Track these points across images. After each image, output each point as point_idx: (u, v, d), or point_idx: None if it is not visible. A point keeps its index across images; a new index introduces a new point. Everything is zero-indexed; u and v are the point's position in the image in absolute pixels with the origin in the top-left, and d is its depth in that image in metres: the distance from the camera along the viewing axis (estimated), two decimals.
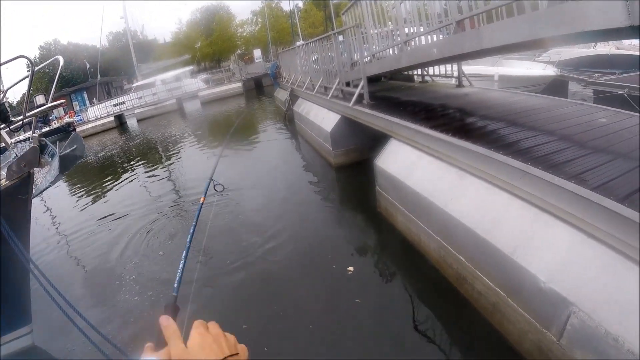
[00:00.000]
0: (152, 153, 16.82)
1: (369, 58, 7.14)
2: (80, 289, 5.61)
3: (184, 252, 1.56)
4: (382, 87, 9.00)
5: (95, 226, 8.00)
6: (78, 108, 34.49)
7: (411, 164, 4.69)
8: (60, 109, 32.42)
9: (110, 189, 11.48)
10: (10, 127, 3.77)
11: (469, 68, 9.31)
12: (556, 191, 2.75)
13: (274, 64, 27.98)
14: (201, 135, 18.57)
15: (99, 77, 35.89)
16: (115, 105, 31.23)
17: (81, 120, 29.74)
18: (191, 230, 1.80)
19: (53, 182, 3.59)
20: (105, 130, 27.96)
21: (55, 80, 3.96)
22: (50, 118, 28.54)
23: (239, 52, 58.42)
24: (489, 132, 4.23)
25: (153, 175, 12.24)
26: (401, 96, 7.59)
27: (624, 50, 13.87)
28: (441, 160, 4.19)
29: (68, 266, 6.52)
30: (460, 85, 7.60)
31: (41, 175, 3.83)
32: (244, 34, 58.50)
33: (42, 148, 3.67)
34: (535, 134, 3.95)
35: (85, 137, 26.82)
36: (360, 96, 7.08)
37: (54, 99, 3.71)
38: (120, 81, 45.10)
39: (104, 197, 10.74)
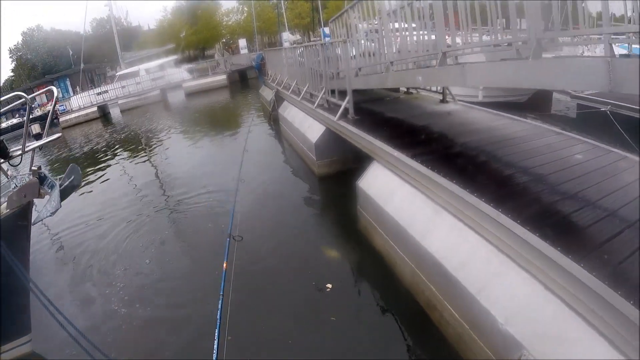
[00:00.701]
0: (137, 148, 16.87)
1: (355, 71, 7.33)
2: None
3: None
4: (367, 97, 9.10)
5: (82, 225, 8.22)
6: (61, 96, 34.02)
7: (391, 191, 4.93)
8: (43, 96, 32.08)
9: (96, 187, 11.59)
10: (10, 162, 3.97)
11: None
12: (521, 241, 2.98)
13: (259, 55, 27.67)
14: (187, 130, 18.65)
15: (82, 64, 35.33)
16: (98, 94, 30.93)
17: (64, 110, 29.43)
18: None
19: (53, 213, 3.85)
20: (88, 121, 27.77)
21: (50, 112, 4.25)
22: (33, 106, 28.21)
23: (224, 40, 58.05)
24: (467, 165, 4.43)
25: (140, 172, 12.46)
26: (386, 110, 7.78)
27: None
28: (419, 191, 4.42)
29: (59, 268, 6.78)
30: (444, 100, 7.77)
31: (42, 205, 4.06)
32: (230, 22, 57.97)
33: (42, 180, 3.92)
34: (511, 171, 4.16)
35: (68, 127, 26.66)
36: (346, 110, 7.27)
37: (49, 133, 4.00)
38: (103, 68, 44.54)
39: (90, 195, 10.82)
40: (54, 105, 4.35)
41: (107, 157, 15.75)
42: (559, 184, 3.77)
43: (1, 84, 46.50)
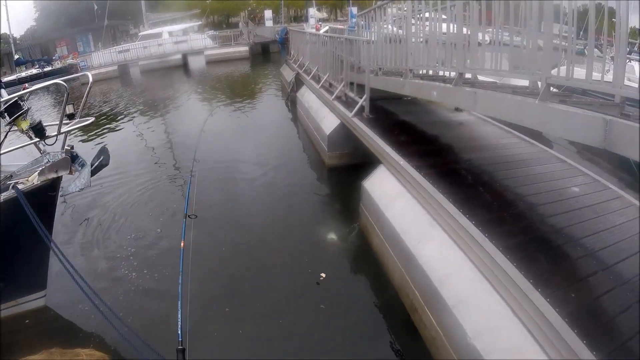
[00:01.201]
0: (154, 112, 17.23)
1: (375, 70, 7.53)
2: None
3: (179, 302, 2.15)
4: (385, 94, 9.00)
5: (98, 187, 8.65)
6: (82, 49, 34.35)
7: (392, 197, 5.22)
8: (64, 47, 32.41)
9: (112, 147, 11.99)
10: (46, 142, 4.39)
11: None
12: (499, 268, 3.27)
13: (284, 29, 27.66)
14: (205, 99, 18.96)
15: (106, 20, 35.48)
16: (120, 52, 31.10)
17: (85, 66, 29.73)
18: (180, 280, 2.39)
19: (81, 189, 4.31)
20: (108, 79, 28.03)
21: (84, 98, 4.64)
22: (53, 58, 28.63)
23: (249, 9, 57.62)
24: (466, 184, 4.72)
25: (154, 136, 12.88)
26: (400, 112, 7.99)
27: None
28: (418, 202, 4.71)
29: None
30: (458, 109, 7.86)
31: (71, 180, 4.53)
32: None
33: (73, 158, 4.38)
34: (506, 195, 4.41)
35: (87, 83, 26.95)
36: (362, 108, 7.52)
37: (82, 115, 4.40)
38: (126, 26, 44.59)
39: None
40: (88, 93, 4.71)
41: (124, 119, 16.16)
42: (550, 216, 4.02)
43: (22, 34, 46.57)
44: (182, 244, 3.02)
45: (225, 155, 10.24)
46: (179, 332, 2.13)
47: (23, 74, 28.94)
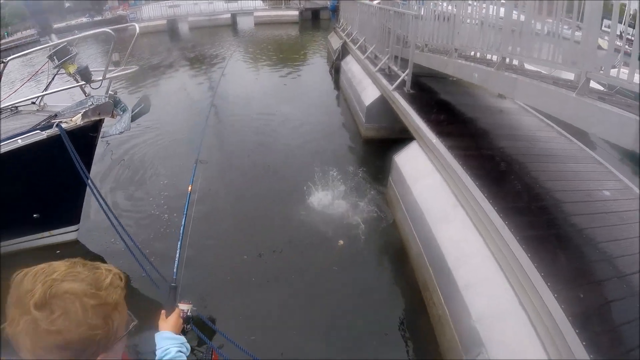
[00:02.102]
0: (200, 68, 17.55)
1: (421, 46, 7.42)
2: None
3: (179, 242, 2.31)
4: (429, 72, 8.53)
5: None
6: (133, 2, 34.77)
7: (421, 173, 5.24)
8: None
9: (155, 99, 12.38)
10: (91, 86, 4.63)
11: None
12: (512, 256, 3.26)
13: None
14: (251, 60, 19.09)
15: None
16: (170, 7, 31.34)
17: (134, 18, 30.18)
18: (183, 222, 2.54)
19: (121, 132, 4.56)
20: (156, 32, 28.36)
21: (130, 47, 4.85)
22: (104, 8, 29.20)
23: None
24: (496, 170, 4.64)
25: (198, 92, 13.16)
26: (442, 91, 7.84)
27: None
28: (445, 182, 4.71)
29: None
30: (502, 95, 7.61)
31: (112, 124, 4.81)
32: None
33: (116, 103, 4.64)
34: (534, 188, 4.30)
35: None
36: (403, 82, 7.45)
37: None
38: None
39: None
40: (133, 43, 4.91)
41: (170, 72, 16.54)
42: (574, 215, 3.92)
43: None
44: (189, 188, 3.20)
45: (264, 115, 10.54)
46: (175, 270, 2.31)
47: (73, 22, 29.64)
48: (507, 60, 4.78)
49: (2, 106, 5.27)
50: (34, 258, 0.97)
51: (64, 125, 4.48)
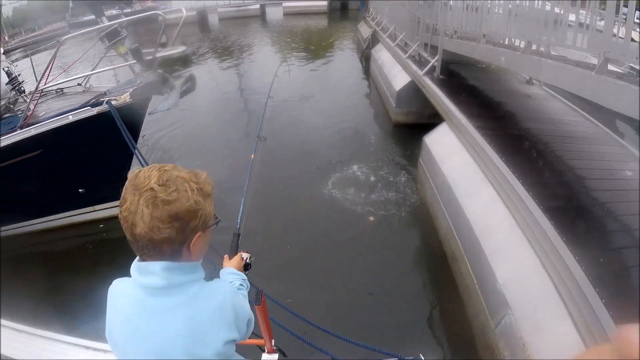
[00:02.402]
0: (229, 56, 18.04)
1: (450, 33, 7.60)
2: None
3: (242, 199, 2.67)
4: (459, 59, 8.46)
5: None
6: None
7: (450, 152, 5.48)
8: None
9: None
10: (140, 65, 5.00)
11: None
12: (536, 223, 3.49)
13: None
14: (280, 49, 19.44)
15: None
16: None
17: (164, 9, 30.82)
18: (246, 182, 2.90)
19: (168, 109, 4.96)
20: (185, 23, 28.83)
21: (178, 29, 5.34)
22: (133, 2, 29.96)
23: None
24: (521, 149, 4.82)
25: (228, 78, 13.63)
26: (471, 77, 8.00)
27: None
28: (473, 159, 4.95)
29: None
30: (529, 82, 7.73)
31: (160, 101, 5.16)
32: None
33: (164, 81, 4.97)
34: (556, 165, 4.48)
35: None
36: (433, 68, 7.68)
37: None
38: None
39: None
40: (181, 24, 5.39)
41: (206, 59, 17.12)
42: (595, 190, 4.08)
43: None
44: (252, 156, 3.59)
45: (296, 101, 10.97)
46: (239, 221, 2.68)
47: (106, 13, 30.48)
48: (534, 46, 4.97)
49: (50, 87, 5.63)
50: (77, 231, 1.29)
51: (113, 102, 4.80)
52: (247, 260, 2.03)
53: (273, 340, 2.68)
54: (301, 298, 4.32)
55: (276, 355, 2.70)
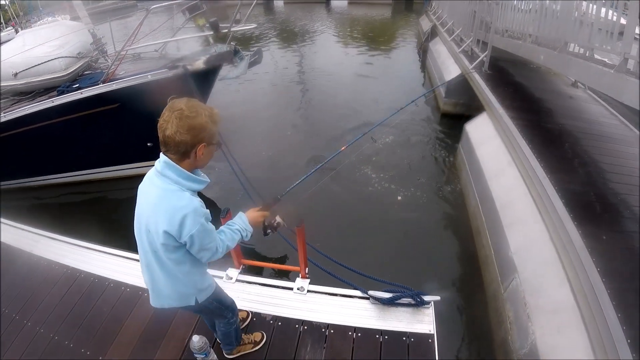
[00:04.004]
0: (291, 40, 18.88)
1: (502, 30, 7.98)
2: None
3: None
4: (510, 57, 8.57)
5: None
6: None
7: (486, 138, 5.98)
8: None
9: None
10: (218, 35, 5.73)
11: None
12: (550, 202, 3.92)
13: None
14: (341, 36, 20.05)
15: None
16: None
17: None
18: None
19: (236, 78, 5.73)
20: (249, 5, 29.70)
21: (252, 6, 5.94)
22: None
23: None
24: (551, 141, 5.20)
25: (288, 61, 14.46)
26: (518, 75, 8.28)
27: None
28: (504, 144, 5.45)
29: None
30: (574, 84, 7.95)
31: (229, 69, 5.83)
32: None
33: (235, 52, 5.65)
34: (581, 158, 4.84)
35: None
36: (482, 62, 8.12)
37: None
38: None
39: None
40: (255, 2, 5.96)
41: (270, 41, 18.03)
42: (614, 182, 4.39)
43: None
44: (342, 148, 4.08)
45: (351, 86, 11.69)
46: (287, 190, 3.19)
47: None
48: (572, 47, 5.33)
49: (133, 50, 6.33)
50: (137, 181, 1.93)
51: (189, 67, 5.45)
52: (275, 223, 2.26)
53: (307, 269, 3.36)
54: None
55: (307, 280, 3.36)
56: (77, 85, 5.97)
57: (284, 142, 8.21)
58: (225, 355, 2.77)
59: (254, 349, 2.80)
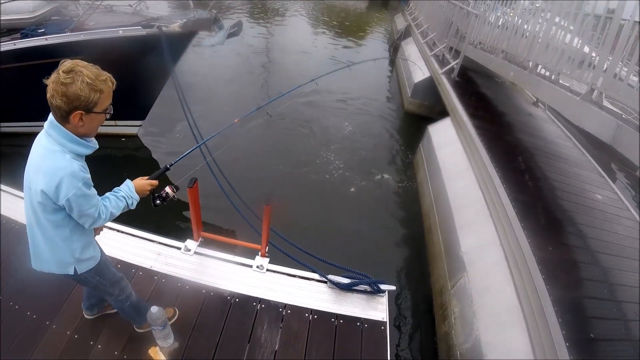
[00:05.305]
0: (260, 20, 18.54)
1: (475, 42, 8.25)
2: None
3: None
4: (480, 68, 8.81)
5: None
6: None
7: (447, 142, 6.20)
8: None
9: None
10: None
11: None
12: (503, 209, 4.15)
13: None
14: (312, 22, 19.86)
15: None
16: None
17: None
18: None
19: (213, 46, 5.57)
20: None
21: None
22: None
23: None
24: (508, 151, 5.51)
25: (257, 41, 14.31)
26: (483, 86, 8.62)
27: None
28: (464, 150, 5.68)
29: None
30: (535, 104, 8.30)
31: (207, 37, 5.64)
32: None
33: (215, 21, 5.48)
34: (535, 172, 5.15)
35: None
36: (452, 69, 8.35)
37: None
38: None
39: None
40: None
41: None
42: (563, 200, 4.70)
43: None
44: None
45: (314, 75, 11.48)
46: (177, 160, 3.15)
47: None
48: (541, 69, 5.65)
49: (106, 2, 6.07)
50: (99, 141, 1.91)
51: (164, 28, 5.23)
52: (164, 194, 2.22)
53: (267, 248, 3.37)
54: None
55: (267, 259, 3.37)
56: (42, 30, 5.64)
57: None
58: (136, 329, 2.69)
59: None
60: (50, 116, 1.72)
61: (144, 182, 2.12)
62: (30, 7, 5.99)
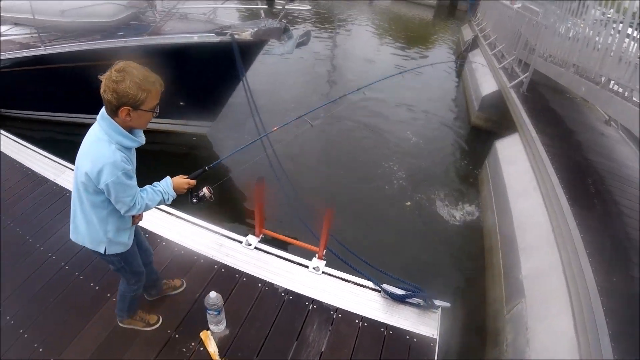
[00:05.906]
0: (327, 29, 18.74)
1: (546, 55, 7.90)
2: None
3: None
4: (551, 82, 8.43)
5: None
6: None
7: (514, 159, 5.99)
8: None
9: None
10: (271, 10, 5.81)
11: None
12: (570, 239, 3.90)
13: None
14: (378, 32, 19.83)
15: None
16: None
17: None
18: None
19: (281, 55, 5.72)
20: None
21: None
22: None
23: None
24: (576, 171, 5.21)
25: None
26: (554, 102, 8.16)
27: None
28: (532, 168, 5.46)
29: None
30: (608, 122, 7.80)
31: (277, 45, 5.78)
32: None
33: (284, 30, 5.59)
34: (602, 189, 4.87)
35: None
36: (521, 83, 8.05)
37: None
38: None
39: None
40: None
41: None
42: (630, 228, 4.35)
43: None
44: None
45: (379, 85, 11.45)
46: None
47: None
48: (613, 85, 5.33)
49: (182, 9, 6.34)
50: (170, 139, 2.04)
51: (236, 36, 5.44)
52: (201, 194, 2.35)
53: (325, 251, 3.45)
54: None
55: (324, 262, 3.44)
56: (121, 33, 6.00)
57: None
58: (118, 323, 2.77)
59: (145, 328, 2.77)
60: (103, 109, 1.91)
61: (183, 181, 2.26)
62: (111, 11, 6.34)
